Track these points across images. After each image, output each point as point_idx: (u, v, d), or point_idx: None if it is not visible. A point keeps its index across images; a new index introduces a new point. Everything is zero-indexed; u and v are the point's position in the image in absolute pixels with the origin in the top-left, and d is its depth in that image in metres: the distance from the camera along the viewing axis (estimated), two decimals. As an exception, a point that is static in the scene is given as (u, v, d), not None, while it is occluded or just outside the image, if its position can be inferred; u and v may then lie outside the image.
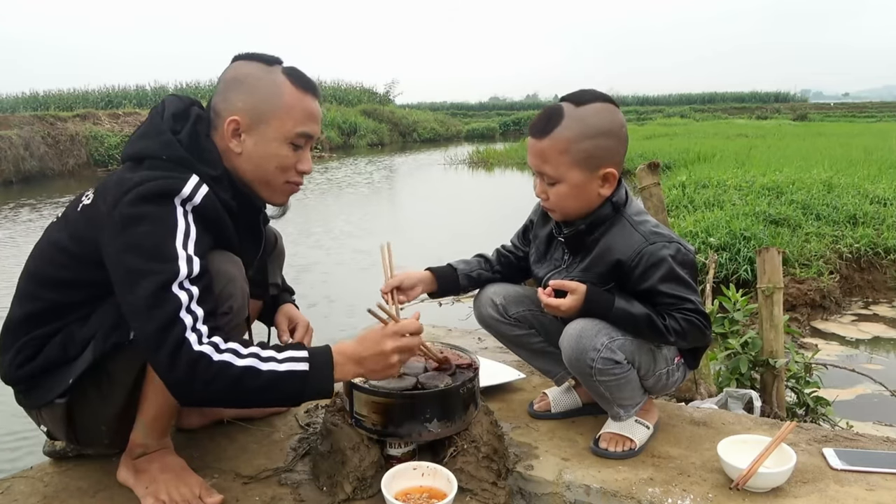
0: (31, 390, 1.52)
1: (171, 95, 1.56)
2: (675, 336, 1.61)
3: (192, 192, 1.38)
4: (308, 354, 1.35)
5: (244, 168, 1.51)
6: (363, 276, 6.12)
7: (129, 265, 1.31)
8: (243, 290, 1.50)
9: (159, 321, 1.27)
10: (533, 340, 1.92)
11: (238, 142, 1.49)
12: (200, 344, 1.27)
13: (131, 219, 1.33)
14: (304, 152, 1.54)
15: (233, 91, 1.49)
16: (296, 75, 1.51)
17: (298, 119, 1.49)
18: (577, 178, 1.61)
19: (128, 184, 1.36)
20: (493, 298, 1.88)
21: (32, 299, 1.50)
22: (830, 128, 22.48)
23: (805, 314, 4.71)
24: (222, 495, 1.53)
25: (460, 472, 1.54)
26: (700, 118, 32.06)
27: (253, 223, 1.62)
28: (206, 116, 1.52)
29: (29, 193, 12.23)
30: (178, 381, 1.28)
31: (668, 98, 49.48)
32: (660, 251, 1.61)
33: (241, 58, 1.54)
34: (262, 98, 1.47)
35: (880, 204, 6.82)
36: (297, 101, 1.49)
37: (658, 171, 2.67)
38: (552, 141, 1.60)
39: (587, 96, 1.62)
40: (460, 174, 15.75)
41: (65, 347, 1.46)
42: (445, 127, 32.12)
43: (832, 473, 1.63)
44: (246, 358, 1.30)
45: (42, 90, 28.55)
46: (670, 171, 10.61)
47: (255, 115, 1.47)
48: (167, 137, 1.44)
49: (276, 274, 1.86)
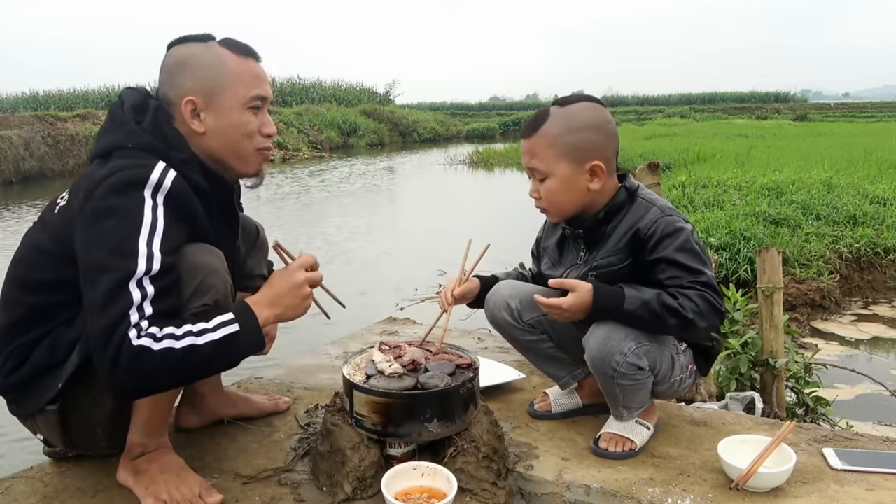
0: (22, 398, 1.51)
1: (126, 89, 1.57)
2: (692, 314, 1.56)
3: (160, 177, 1.39)
4: (234, 315, 1.37)
5: (212, 145, 1.52)
6: (348, 269, 6.12)
7: (93, 259, 1.33)
8: (225, 280, 1.49)
9: (108, 320, 1.28)
10: (544, 346, 1.91)
11: (199, 121, 1.50)
12: (140, 338, 1.28)
13: (101, 212, 1.35)
14: (263, 115, 1.56)
15: (178, 75, 1.50)
16: (233, 44, 1.54)
17: (249, 83, 1.52)
18: (564, 171, 1.67)
19: (97, 177, 1.38)
20: (508, 302, 1.86)
21: (16, 305, 1.49)
22: (830, 128, 22.44)
23: (805, 314, 4.70)
24: (222, 495, 1.53)
25: (460, 472, 1.54)
26: (700, 118, 32.01)
27: (227, 204, 1.63)
28: (164, 106, 1.53)
29: (30, 194, 12.21)
30: (122, 380, 1.29)
31: (668, 98, 49.38)
32: (676, 223, 1.65)
33: (175, 43, 1.55)
34: (209, 73, 1.49)
35: (880, 204, 6.81)
36: (241, 66, 1.52)
37: (658, 171, 2.68)
38: (539, 137, 1.68)
39: (572, 98, 1.73)
40: (460, 174, 15.74)
41: (52, 351, 1.46)
42: (445, 127, 32.07)
43: (832, 473, 1.63)
44: (183, 339, 1.31)
45: (42, 90, 28.58)
46: (670, 171, 10.59)
47: (208, 91, 1.49)
48: (130, 127, 1.46)
49: (260, 265, 1.87)
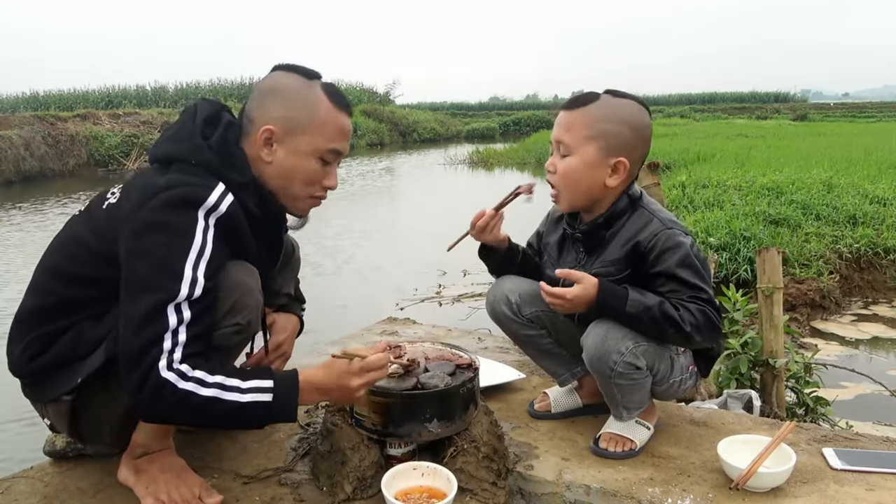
0: (39, 385, 1.52)
1: (202, 99, 1.56)
2: (690, 327, 1.57)
3: (217, 201, 1.39)
4: (273, 384, 1.36)
5: (271, 177, 1.51)
6: (349, 269, 6.14)
7: (137, 272, 1.33)
8: (258, 301, 1.51)
9: (143, 341, 1.29)
10: (543, 341, 1.91)
11: (269, 151, 1.49)
12: (169, 370, 1.29)
13: (152, 225, 1.35)
14: (331, 168, 1.56)
15: (270, 100, 1.50)
16: (333, 92, 1.53)
17: (331, 135, 1.51)
18: (590, 154, 1.65)
19: (154, 188, 1.37)
20: (508, 296, 1.87)
21: (46, 293, 1.50)
22: (830, 128, 22.45)
23: (805, 314, 4.71)
24: (222, 495, 1.54)
25: (460, 472, 1.54)
26: (700, 118, 32.00)
27: (274, 232, 1.63)
28: (237, 123, 1.53)
29: (30, 194, 12.22)
30: (142, 403, 1.31)
31: (668, 98, 49.38)
32: (677, 236, 1.64)
33: (281, 68, 1.54)
34: (298, 110, 1.48)
35: (880, 204, 6.81)
36: (331, 117, 1.51)
37: (658, 171, 2.68)
38: (582, 113, 1.66)
39: (626, 94, 1.70)
40: (460, 174, 15.74)
41: (76, 345, 1.46)
42: (445, 127, 32.06)
43: (832, 473, 1.63)
44: (210, 388, 1.31)
45: (42, 90, 28.59)
46: (670, 171, 10.59)
47: (290, 127, 1.48)
48: (197, 142, 1.45)
49: (288, 283, 1.85)
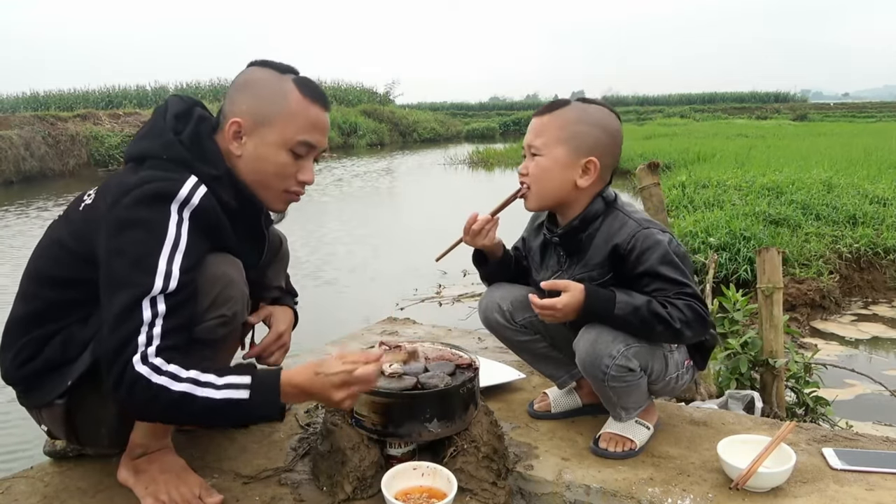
0: (31, 391, 1.52)
1: (173, 96, 1.56)
2: (679, 323, 1.58)
3: (189, 193, 1.38)
4: (251, 381, 1.32)
5: (244, 171, 1.51)
6: (349, 269, 6.14)
7: (114, 270, 1.34)
8: (243, 293, 1.50)
9: (119, 336, 1.29)
10: (538, 346, 1.91)
11: (238, 144, 1.49)
12: (143, 364, 1.28)
13: (126, 222, 1.35)
14: (305, 161, 1.53)
15: (240, 94, 1.49)
16: (305, 84, 1.51)
17: (301, 127, 1.48)
18: (560, 154, 1.68)
19: (127, 185, 1.38)
20: (500, 304, 1.88)
21: (33, 298, 1.51)
22: (830, 128, 22.46)
23: (805, 314, 4.71)
24: (222, 495, 1.53)
25: (460, 472, 1.54)
26: (700, 118, 32.01)
27: (254, 224, 1.62)
28: (210, 117, 1.53)
29: (30, 193, 12.21)
30: (121, 399, 1.31)
31: (668, 98, 49.35)
32: (655, 235, 1.65)
33: (256, 64, 1.54)
34: (265, 102, 1.47)
35: (880, 204, 6.82)
36: (301, 108, 1.48)
37: (658, 171, 2.67)
38: (552, 117, 1.71)
39: (596, 101, 1.77)
40: (460, 174, 15.74)
41: (64, 348, 1.46)
42: (445, 127, 32.07)
43: (832, 473, 1.63)
44: (183, 383, 1.29)
45: (42, 90, 28.56)
46: (670, 171, 10.60)
47: (258, 119, 1.47)
48: (168, 137, 1.45)
49: (278, 276, 1.84)
